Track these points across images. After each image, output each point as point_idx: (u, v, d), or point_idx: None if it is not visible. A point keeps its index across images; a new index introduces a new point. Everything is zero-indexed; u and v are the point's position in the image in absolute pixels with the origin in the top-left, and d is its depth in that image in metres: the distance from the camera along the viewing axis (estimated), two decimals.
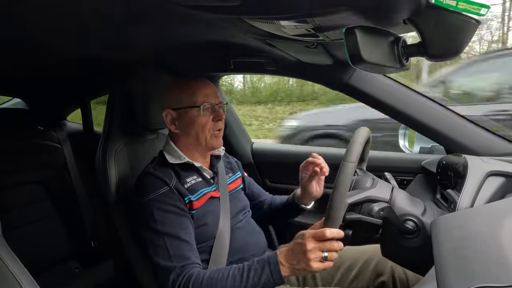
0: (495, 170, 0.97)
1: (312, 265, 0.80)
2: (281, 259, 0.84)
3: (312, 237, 0.80)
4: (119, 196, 1.14)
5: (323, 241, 0.80)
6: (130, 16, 0.82)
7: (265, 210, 1.29)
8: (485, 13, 0.60)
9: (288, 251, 0.85)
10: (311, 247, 0.80)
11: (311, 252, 0.79)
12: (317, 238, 0.80)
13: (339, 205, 0.80)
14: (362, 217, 0.85)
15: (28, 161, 1.61)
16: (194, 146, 1.07)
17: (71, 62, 1.30)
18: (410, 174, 1.39)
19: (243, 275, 0.86)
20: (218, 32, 0.99)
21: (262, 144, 1.87)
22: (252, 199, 1.29)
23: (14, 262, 0.68)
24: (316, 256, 0.80)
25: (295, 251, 0.83)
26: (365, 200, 0.88)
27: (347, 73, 1.27)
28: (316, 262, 0.80)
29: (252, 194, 1.30)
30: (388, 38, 0.70)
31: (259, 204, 1.30)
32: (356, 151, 0.84)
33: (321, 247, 0.80)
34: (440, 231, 0.68)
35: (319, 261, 0.80)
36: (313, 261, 0.80)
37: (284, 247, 0.87)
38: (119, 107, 1.22)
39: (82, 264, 1.75)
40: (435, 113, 1.24)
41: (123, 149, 1.20)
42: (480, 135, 1.20)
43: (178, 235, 0.94)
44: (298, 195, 1.18)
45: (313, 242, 0.80)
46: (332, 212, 0.80)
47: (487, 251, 0.55)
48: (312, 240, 0.80)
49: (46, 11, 0.75)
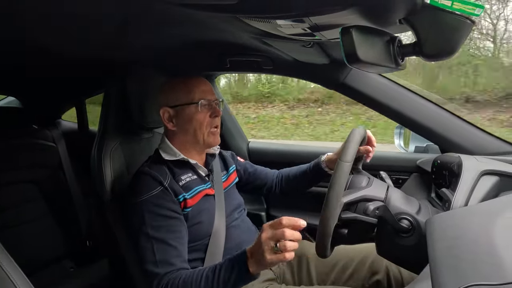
0: (489, 169, 0.97)
1: (266, 256, 0.74)
2: (248, 255, 0.81)
3: (269, 227, 0.76)
4: (114, 195, 1.14)
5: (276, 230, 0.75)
6: (127, 15, 0.82)
7: (284, 182, 1.31)
8: (479, 13, 0.61)
9: (253, 246, 0.81)
10: (265, 237, 0.75)
11: (264, 243, 0.75)
12: (273, 227, 0.75)
13: (334, 204, 0.80)
14: (358, 216, 0.86)
15: (22, 160, 1.60)
16: (191, 144, 1.07)
17: (66, 62, 1.29)
18: (405, 173, 1.40)
19: (215, 274, 0.84)
20: (214, 31, 0.99)
21: (258, 143, 1.86)
22: (255, 178, 1.30)
23: (8, 261, 0.67)
24: (268, 246, 0.74)
25: (256, 245, 0.79)
26: (361, 199, 0.88)
27: (343, 73, 1.27)
28: (269, 253, 0.74)
29: (254, 172, 1.31)
30: (384, 37, 0.70)
31: (267, 179, 1.31)
32: (351, 150, 0.85)
33: (273, 236, 0.74)
34: (434, 230, 0.68)
35: (272, 253, 0.74)
36: (266, 252, 0.74)
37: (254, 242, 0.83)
38: (115, 106, 1.22)
39: (77, 263, 1.74)
40: (430, 112, 1.24)
41: (118, 148, 1.19)
42: (475, 134, 1.21)
43: (166, 240, 0.93)
44: (326, 160, 1.20)
45: (267, 231, 0.75)
46: (328, 211, 0.80)
47: (480, 250, 0.55)
48: (267, 229, 0.76)
49: (43, 12, 0.74)
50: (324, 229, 0.81)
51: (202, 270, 0.87)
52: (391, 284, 1.06)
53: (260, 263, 0.78)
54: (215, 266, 0.86)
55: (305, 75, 1.40)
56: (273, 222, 0.76)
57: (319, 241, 0.83)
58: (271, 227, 0.76)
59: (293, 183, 1.30)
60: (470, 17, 0.62)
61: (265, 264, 0.77)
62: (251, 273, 0.80)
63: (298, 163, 1.43)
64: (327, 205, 0.80)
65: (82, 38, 0.99)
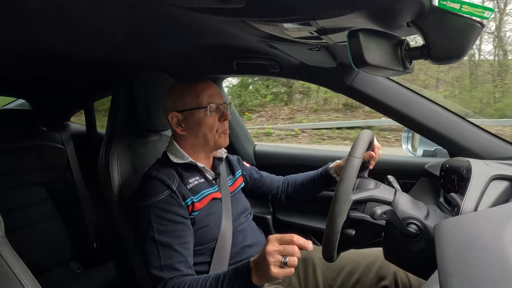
0: (499, 174, 0.96)
1: (272, 270, 0.74)
2: (252, 266, 0.81)
3: (275, 240, 0.76)
4: (122, 197, 1.14)
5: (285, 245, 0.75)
6: (135, 19, 0.83)
7: (290, 189, 1.31)
8: (489, 16, 0.60)
9: (257, 257, 0.80)
10: (271, 249, 0.75)
11: (270, 255, 0.74)
12: (281, 241, 0.76)
13: (344, 199, 0.80)
14: (366, 217, 0.85)
15: (31, 162, 1.62)
16: (200, 147, 1.08)
17: (76, 64, 1.30)
18: (413, 177, 1.39)
19: (217, 285, 0.84)
20: (221, 35, 0.99)
21: (265, 146, 1.86)
22: (261, 184, 1.30)
23: (17, 263, 0.68)
24: (275, 260, 0.74)
25: (260, 256, 0.78)
26: (369, 199, 0.88)
27: (350, 76, 1.27)
28: (275, 266, 0.74)
29: (260, 179, 1.31)
30: (392, 40, 0.70)
31: (273, 186, 1.32)
32: (361, 147, 0.86)
33: (281, 251, 0.74)
34: (443, 235, 0.67)
35: (279, 266, 0.74)
36: (272, 265, 0.74)
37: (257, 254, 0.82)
38: (122, 109, 1.23)
39: (84, 265, 1.75)
40: (438, 116, 1.23)
41: (126, 150, 1.20)
42: (484, 138, 1.20)
43: (172, 245, 0.94)
44: (335, 166, 1.21)
45: (274, 245, 0.75)
46: (337, 206, 0.80)
47: (490, 256, 0.54)
48: (274, 242, 0.76)
49: (54, 14, 0.75)
50: (332, 226, 0.80)
51: (206, 278, 0.87)
52: None
53: (264, 276, 0.78)
54: (219, 276, 0.86)
55: (312, 78, 1.39)
56: (282, 237, 0.76)
57: (327, 238, 0.81)
58: (279, 241, 0.76)
59: (299, 190, 1.29)
60: (479, 20, 0.62)
61: (268, 277, 0.76)
62: (255, 284, 0.80)
63: (304, 166, 1.42)
64: (337, 200, 0.80)
65: (91, 41, 1.00)
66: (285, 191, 1.31)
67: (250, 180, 1.30)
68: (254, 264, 0.80)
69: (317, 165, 1.31)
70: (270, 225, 1.65)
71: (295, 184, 1.30)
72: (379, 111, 1.30)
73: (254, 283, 0.79)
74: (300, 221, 1.58)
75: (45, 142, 1.69)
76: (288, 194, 1.31)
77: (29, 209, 1.62)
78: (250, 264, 0.81)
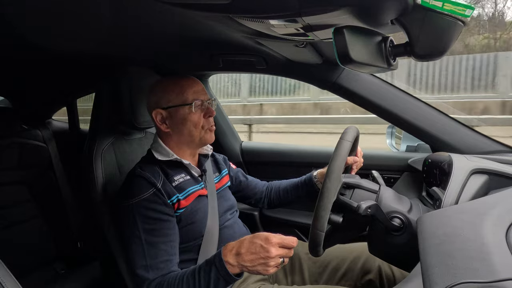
0: (479, 168, 0.99)
1: (270, 271, 0.79)
2: (228, 258, 0.82)
3: (277, 243, 0.78)
4: (106, 196, 1.12)
5: (288, 248, 0.80)
6: (119, 14, 0.81)
7: (273, 195, 1.32)
8: (469, 14, 0.61)
9: (241, 249, 0.81)
10: (275, 254, 0.78)
11: (273, 260, 0.78)
12: (284, 246, 0.79)
13: (335, 175, 0.84)
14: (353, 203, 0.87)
15: (11, 161, 1.57)
16: (186, 144, 1.07)
17: (58, 60, 1.27)
18: (397, 172, 1.42)
19: (194, 278, 0.85)
20: (207, 31, 0.98)
21: (251, 143, 1.86)
22: (246, 187, 1.31)
23: None
24: (276, 263, 0.78)
25: (252, 252, 0.80)
26: (357, 186, 0.93)
27: (336, 72, 1.28)
28: (274, 268, 0.79)
29: (245, 182, 1.31)
30: (376, 38, 0.70)
31: (257, 190, 1.32)
32: (352, 132, 0.92)
33: (283, 255, 0.79)
34: (425, 228, 0.69)
35: (275, 267, 0.79)
36: (272, 267, 0.78)
37: (233, 244, 0.84)
38: (106, 106, 1.20)
39: (68, 265, 1.72)
40: (421, 112, 1.26)
41: (110, 148, 1.18)
42: (465, 133, 1.23)
43: (157, 244, 0.93)
44: (318, 175, 1.22)
45: (278, 249, 0.78)
46: (329, 182, 0.83)
47: (470, 248, 0.56)
48: (277, 246, 0.78)
49: (34, 8, 0.73)
50: (323, 203, 0.82)
51: (183, 273, 0.88)
52: (383, 283, 1.07)
53: (248, 270, 0.81)
54: (195, 269, 0.87)
55: (298, 75, 1.40)
56: (284, 241, 0.79)
57: (317, 215, 0.83)
58: (281, 245, 0.79)
59: (281, 196, 1.31)
60: (460, 18, 0.63)
61: (260, 274, 0.81)
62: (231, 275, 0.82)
63: (291, 163, 1.43)
64: (329, 176, 0.84)
65: (74, 36, 0.98)
66: (267, 196, 1.32)
67: (235, 181, 1.29)
68: (235, 257, 0.82)
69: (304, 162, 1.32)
70: (257, 221, 1.65)
71: (278, 190, 1.31)
72: (364, 107, 1.32)
73: (233, 273, 0.82)
74: (287, 217, 1.58)
75: (26, 140, 1.64)
76: (271, 200, 1.32)
77: (11, 208, 1.58)
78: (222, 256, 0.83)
